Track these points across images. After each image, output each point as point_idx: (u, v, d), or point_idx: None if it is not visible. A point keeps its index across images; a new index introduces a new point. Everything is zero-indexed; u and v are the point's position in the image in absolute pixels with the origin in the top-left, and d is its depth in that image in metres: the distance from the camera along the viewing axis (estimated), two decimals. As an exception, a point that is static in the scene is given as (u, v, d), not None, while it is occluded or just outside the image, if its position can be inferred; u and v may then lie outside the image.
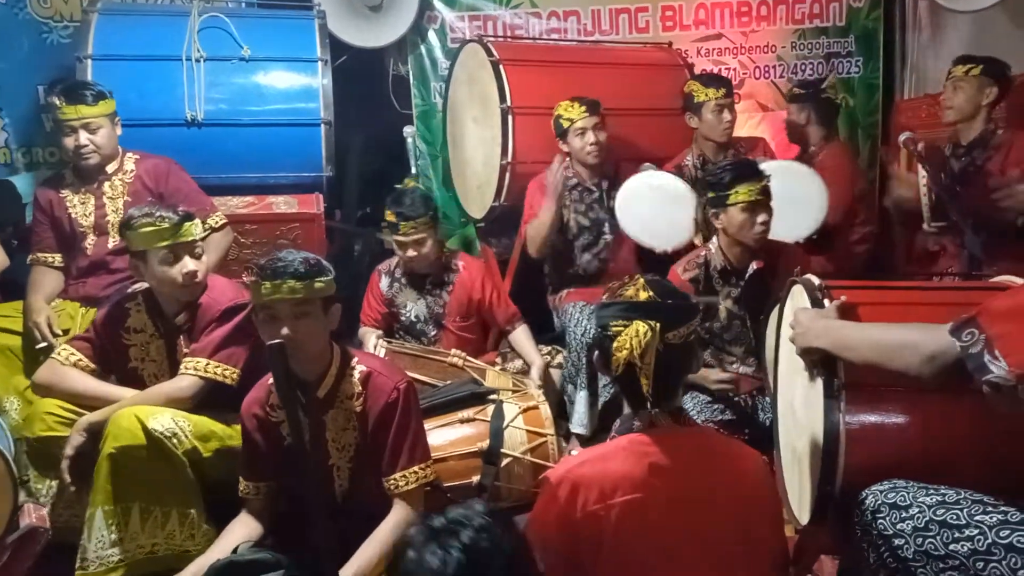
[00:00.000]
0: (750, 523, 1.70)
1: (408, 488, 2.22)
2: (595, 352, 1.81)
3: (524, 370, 3.29)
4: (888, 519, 1.58)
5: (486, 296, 3.42)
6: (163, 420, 2.36)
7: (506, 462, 2.70)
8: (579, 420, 3.23)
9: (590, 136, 3.48)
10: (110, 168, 3.14)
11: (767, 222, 2.78)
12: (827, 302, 1.85)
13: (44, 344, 2.95)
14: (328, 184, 3.76)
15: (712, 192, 2.84)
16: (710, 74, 4.12)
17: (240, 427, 2.31)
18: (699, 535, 1.66)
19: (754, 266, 2.85)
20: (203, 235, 2.69)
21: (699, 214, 3.24)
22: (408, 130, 4.32)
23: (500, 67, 3.73)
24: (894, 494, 1.61)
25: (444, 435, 2.71)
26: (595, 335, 1.81)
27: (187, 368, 2.49)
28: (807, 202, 3.26)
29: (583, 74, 4.00)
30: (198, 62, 3.54)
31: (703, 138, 3.69)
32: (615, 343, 1.67)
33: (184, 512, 2.40)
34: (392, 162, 4.43)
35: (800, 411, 2.00)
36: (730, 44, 4.72)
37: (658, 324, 1.66)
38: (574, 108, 3.48)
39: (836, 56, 4.73)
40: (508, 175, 3.73)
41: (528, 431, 2.76)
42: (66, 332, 2.99)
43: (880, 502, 1.61)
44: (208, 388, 2.49)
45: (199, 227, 2.61)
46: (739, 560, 1.68)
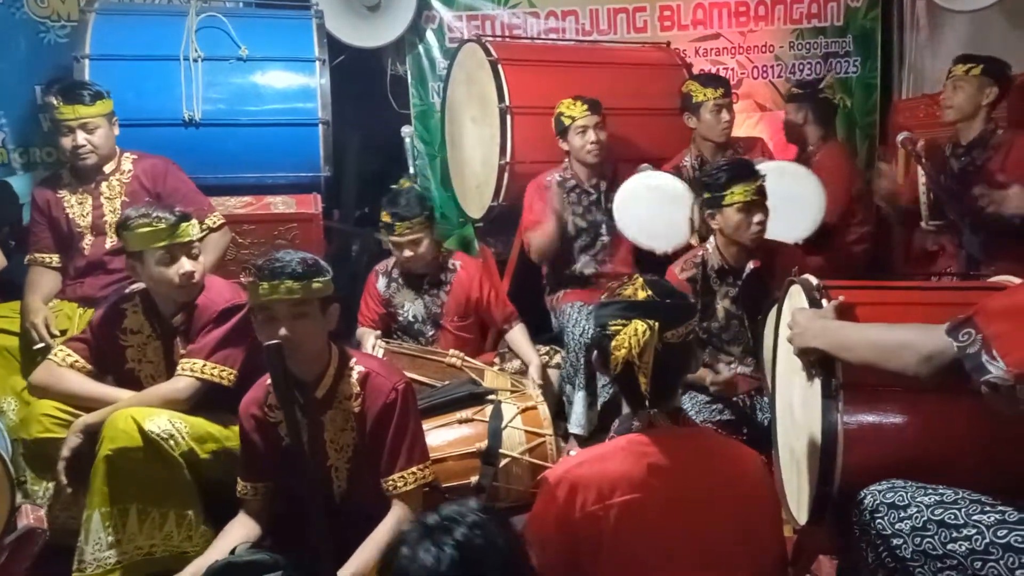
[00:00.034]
0: (749, 523, 1.70)
1: (406, 489, 2.21)
2: (594, 351, 1.81)
3: (522, 370, 3.28)
4: (886, 519, 1.58)
5: (484, 296, 3.41)
6: (160, 422, 2.35)
7: (504, 462, 2.69)
8: (577, 420, 3.23)
9: (591, 135, 3.47)
10: (107, 168, 3.14)
11: (763, 222, 2.78)
12: (825, 302, 1.85)
13: (41, 345, 2.94)
14: (326, 184, 3.75)
15: (708, 192, 2.84)
16: (708, 74, 4.11)
17: (238, 428, 2.31)
18: (698, 535, 1.66)
19: (751, 266, 2.85)
20: (200, 235, 2.68)
21: (695, 214, 3.24)
22: (406, 130, 4.31)
23: (498, 67, 3.72)
24: (892, 494, 1.61)
25: (442, 435, 2.70)
26: (594, 334, 1.81)
27: (184, 369, 2.48)
28: (805, 202, 3.25)
29: (582, 74, 4.00)
30: (196, 62, 3.53)
31: (701, 138, 3.69)
32: (614, 342, 1.67)
33: (181, 513, 2.39)
34: (390, 162, 4.42)
35: (798, 411, 1.99)
36: (728, 44, 4.73)
37: (657, 323, 1.66)
38: (576, 106, 3.48)
39: (834, 56, 4.74)
40: (507, 175, 3.72)
41: (526, 431, 2.75)
42: (63, 332, 2.98)
43: (878, 502, 1.61)
44: (205, 389, 2.48)
45: (196, 227, 2.60)
46: (738, 560, 1.68)
